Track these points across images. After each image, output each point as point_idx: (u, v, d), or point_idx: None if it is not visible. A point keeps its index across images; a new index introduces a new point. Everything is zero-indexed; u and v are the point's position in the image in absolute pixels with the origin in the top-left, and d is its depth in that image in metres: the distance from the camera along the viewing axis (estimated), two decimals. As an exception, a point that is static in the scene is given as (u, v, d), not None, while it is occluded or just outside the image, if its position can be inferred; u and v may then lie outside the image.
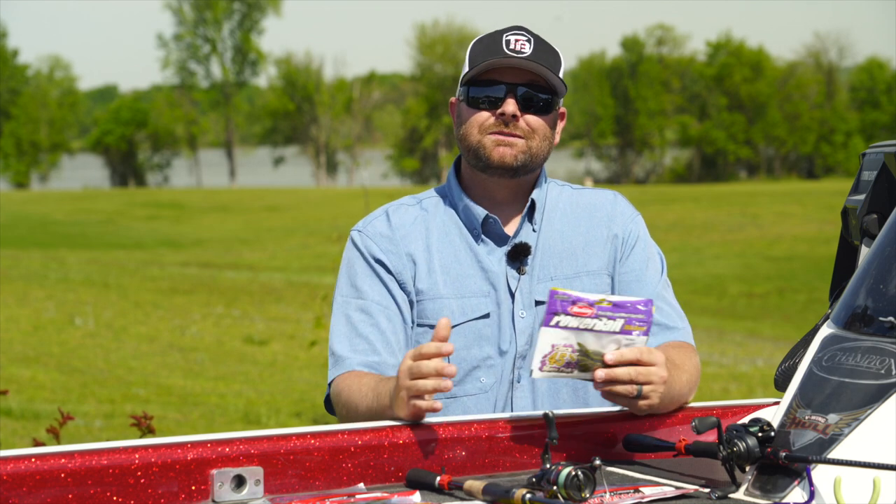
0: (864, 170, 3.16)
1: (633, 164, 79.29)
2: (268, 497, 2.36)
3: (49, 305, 17.52)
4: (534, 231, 3.03)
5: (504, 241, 3.02)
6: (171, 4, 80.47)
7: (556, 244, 3.02)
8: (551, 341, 2.53)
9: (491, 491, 2.34)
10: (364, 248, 3.03)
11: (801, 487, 2.32)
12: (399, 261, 3.00)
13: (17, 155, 76.35)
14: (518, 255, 2.99)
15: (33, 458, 2.20)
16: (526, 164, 2.98)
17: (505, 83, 2.97)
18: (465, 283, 2.98)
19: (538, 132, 2.98)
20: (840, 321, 2.61)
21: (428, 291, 2.98)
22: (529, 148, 2.97)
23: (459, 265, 3.00)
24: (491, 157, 2.97)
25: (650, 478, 2.52)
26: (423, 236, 3.03)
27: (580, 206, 3.08)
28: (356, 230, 3.07)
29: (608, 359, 2.58)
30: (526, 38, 2.99)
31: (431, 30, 78.65)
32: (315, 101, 78.25)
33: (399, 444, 2.51)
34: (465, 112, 3.01)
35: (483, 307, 2.97)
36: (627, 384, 2.60)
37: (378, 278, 2.99)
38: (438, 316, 2.96)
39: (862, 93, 78.96)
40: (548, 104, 2.99)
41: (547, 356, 2.54)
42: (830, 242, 3.77)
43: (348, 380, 2.88)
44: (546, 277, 2.99)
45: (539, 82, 2.97)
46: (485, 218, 3.01)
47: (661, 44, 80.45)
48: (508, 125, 2.96)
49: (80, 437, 9.06)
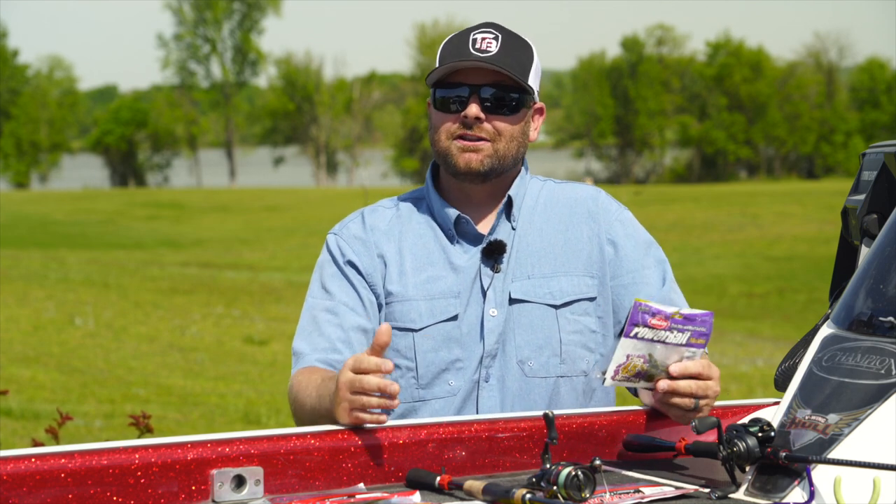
0: (864, 170, 3.16)
1: (633, 164, 79.27)
2: (268, 497, 2.36)
3: (49, 305, 17.52)
4: (512, 229, 2.99)
5: (479, 240, 2.98)
6: (171, 4, 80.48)
7: (534, 242, 2.98)
8: (627, 351, 2.58)
9: (491, 491, 2.34)
10: (336, 251, 3.01)
11: (801, 487, 2.32)
12: (370, 262, 2.98)
13: (17, 155, 76.33)
14: (492, 253, 2.95)
15: (33, 458, 2.20)
16: (494, 168, 2.94)
17: (468, 84, 2.92)
18: (435, 285, 2.95)
19: (504, 134, 2.93)
20: (840, 321, 2.61)
21: (398, 294, 2.95)
22: (496, 151, 2.93)
23: (431, 266, 2.97)
24: (458, 163, 2.93)
25: (650, 478, 2.52)
26: (396, 238, 3.00)
27: (560, 201, 3.03)
28: (332, 233, 3.06)
29: (673, 371, 2.62)
30: (493, 36, 2.93)
31: (431, 30, 78.65)
32: (315, 101, 78.24)
33: (399, 444, 2.51)
34: (433, 115, 2.98)
35: (451, 309, 2.93)
36: (687, 397, 2.63)
37: (347, 280, 2.97)
38: (406, 317, 2.93)
39: (862, 93, 78.93)
40: (516, 103, 2.93)
41: (621, 366, 2.59)
42: (830, 242, 3.76)
43: (300, 376, 2.85)
44: (523, 276, 2.95)
45: (506, 81, 2.92)
46: (457, 218, 2.98)
47: (661, 44, 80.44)
48: (472, 128, 2.91)
49: (80, 438, 9.06)
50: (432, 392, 2.92)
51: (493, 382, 2.92)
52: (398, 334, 2.92)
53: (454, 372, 2.92)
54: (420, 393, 2.92)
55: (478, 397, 2.91)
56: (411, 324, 2.93)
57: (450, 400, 2.92)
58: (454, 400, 2.92)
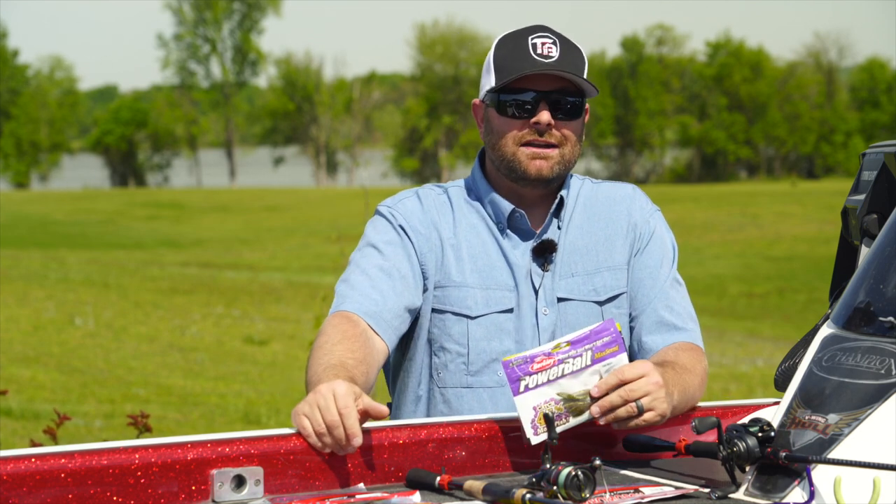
0: (864, 170, 3.16)
1: (633, 164, 79.24)
2: (268, 497, 2.35)
3: (49, 305, 17.52)
4: (559, 229, 3.01)
5: (529, 236, 3.00)
6: (171, 4, 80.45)
7: (577, 240, 3.01)
8: (531, 405, 2.52)
9: (491, 491, 2.34)
10: (393, 220, 2.98)
11: (801, 487, 2.32)
12: (427, 241, 2.97)
13: (17, 155, 76.29)
14: (543, 252, 2.97)
15: (33, 458, 2.20)
16: (561, 174, 2.98)
17: (536, 90, 2.94)
18: (491, 275, 2.96)
19: (570, 139, 2.96)
20: (840, 321, 2.61)
21: (456, 279, 2.95)
22: (563, 156, 2.96)
23: (487, 256, 2.98)
24: (528, 171, 2.94)
25: (650, 478, 2.52)
26: (451, 223, 3.00)
27: (599, 200, 3.07)
28: (385, 206, 3.02)
29: (594, 392, 2.57)
30: (552, 41, 2.96)
31: (431, 30, 78.59)
32: (315, 101, 78.20)
33: (399, 444, 2.51)
34: (494, 119, 2.97)
35: (507, 301, 2.95)
36: (625, 406, 2.58)
37: (403, 249, 2.94)
38: (462, 303, 2.94)
39: (862, 93, 78.91)
40: (578, 108, 2.97)
41: (534, 419, 2.52)
42: (830, 242, 3.76)
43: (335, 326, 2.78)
44: (567, 274, 2.98)
45: (568, 87, 2.95)
46: (511, 212, 2.99)
47: (660, 44, 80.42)
48: (543, 134, 2.93)
49: (79, 438, 9.06)
50: (480, 380, 2.94)
51: None
52: (452, 319, 2.94)
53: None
54: (468, 380, 2.94)
55: None
56: (467, 311, 2.94)
57: (497, 391, 2.93)
58: (503, 392, 2.92)
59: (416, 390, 3.00)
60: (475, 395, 2.94)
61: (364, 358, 2.71)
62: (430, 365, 2.98)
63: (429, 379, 2.99)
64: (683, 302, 3.01)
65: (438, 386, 2.97)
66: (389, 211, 3.00)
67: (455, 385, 2.95)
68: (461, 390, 2.94)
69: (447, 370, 2.96)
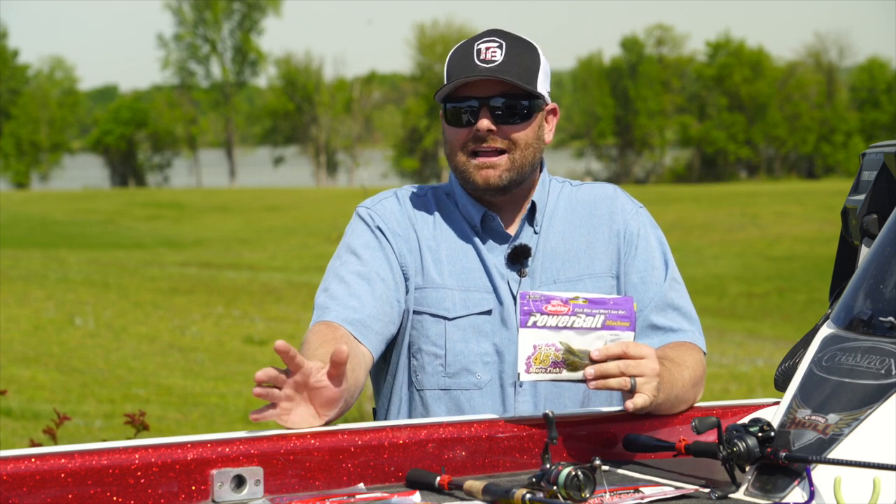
0: (864, 170, 3.15)
1: (633, 164, 79.27)
2: (268, 497, 2.35)
3: (49, 305, 17.52)
4: (535, 233, 2.98)
5: (505, 239, 2.97)
6: (171, 4, 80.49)
7: (557, 246, 2.98)
8: (532, 342, 2.53)
9: (491, 491, 2.33)
10: (370, 222, 2.96)
11: (801, 487, 2.32)
12: (405, 244, 2.95)
13: (17, 155, 76.34)
14: (518, 258, 2.94)
15: (33, 458, 2.20)
16: (514, 180, 2.92)
17: (477, 97, 2.89)
18: (470, 277, 2.94)
19: (518, 143, 2.91)
20: (840, 321, 2.61)
21: (434, 280, 2.93)
22: (513, 162, 2.91)
23: (465, 258, 2.95)
24: (476, 181, 2.92)
25: (650, 478, 2.52)
26: (430, 223, 2.98)
27: (580, 204, 3.03)
28: (363, 207, 3.00)
29: (594, 355, 2.56)
30: (497, 45, 2.90)
31: (431, 30, 78.63)
32: (315, 101, 78.23)
33: (399, 444, 2.51)
34: (446, 129, 2.96)
35: (486, 303, 2.93)
36: (619, 377, 2.57)
37: (382, 252, 2.92)
38: (440, 305, 2.92)
39: (862, 93, 78.96)
40: (527, 110, 2.91)
41: (531, 357, 2.54)
42: (830, 242, 3.75)
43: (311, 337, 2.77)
44: (549, 281, 2.94)
45: (516, 91, 2.90)
46: (484, 215, 2.97)
47: (660, 44, 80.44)
48: (486, 140, 2.89)
49: (79, 438, 9.07)
50: (458, 382, 2.92)
51: (527, 387, 2.92)
52: (430, 321, 2.92)
53: (482, 365, 2.92)
54: (446, 381, 2.92)
55: (515, 402, 2.92)
56: (445, 312, 2.92)
57: (475, 394, 2.92)
58: (481, 395, 2.91)
59: (398, 393, 2.98)
60: (451, 397, 2.92)
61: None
62: (409, 367, 2.96)
63: (408, 382, 2.97)
64: (681, 301, 2.98)
65: (416, 388, 2.94)
66: (368, 212, 2.98)
67: (433, 387, 2.92)
68: (438, 392, 2.92)
69: (424, 372, 2.93)
